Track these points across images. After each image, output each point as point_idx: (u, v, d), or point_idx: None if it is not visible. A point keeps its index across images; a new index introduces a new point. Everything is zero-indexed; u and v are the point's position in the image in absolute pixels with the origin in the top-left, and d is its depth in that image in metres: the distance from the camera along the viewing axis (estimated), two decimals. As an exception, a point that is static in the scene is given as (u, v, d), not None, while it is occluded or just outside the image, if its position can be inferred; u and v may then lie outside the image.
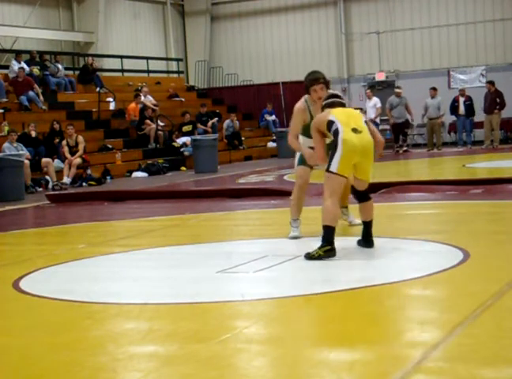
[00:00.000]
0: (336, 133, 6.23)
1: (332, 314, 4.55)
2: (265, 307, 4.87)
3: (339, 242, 7.12)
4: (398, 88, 22.95)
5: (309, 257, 6.02)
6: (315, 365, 3.59)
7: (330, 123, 6.32)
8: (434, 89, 22.70)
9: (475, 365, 3.42)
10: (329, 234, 6.06)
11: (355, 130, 6.22)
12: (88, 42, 25.85)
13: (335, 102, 6.57)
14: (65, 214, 11.91)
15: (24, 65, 21.30)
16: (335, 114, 6.37)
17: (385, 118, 23.49)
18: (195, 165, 19.62)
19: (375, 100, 22.70)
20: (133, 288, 5.59)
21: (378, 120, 22.49)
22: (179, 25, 29.58)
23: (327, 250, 6.00)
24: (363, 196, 6.58)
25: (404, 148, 22.19)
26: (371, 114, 22.38)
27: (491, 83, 22.49)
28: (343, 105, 6.60)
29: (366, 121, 6.47)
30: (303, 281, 5.44)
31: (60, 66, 22.84)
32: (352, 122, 6.29)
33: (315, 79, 7.14)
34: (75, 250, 7.70)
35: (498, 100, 22.02)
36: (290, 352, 3.83)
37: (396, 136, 22.52)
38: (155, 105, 22.57)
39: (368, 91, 23.71)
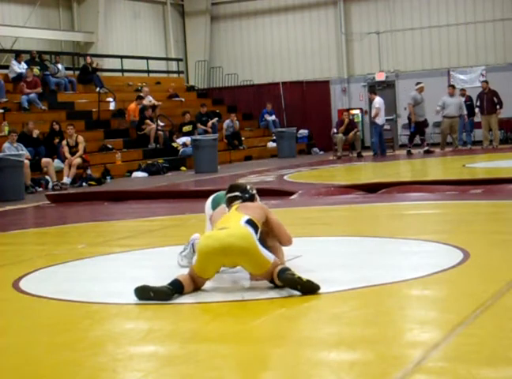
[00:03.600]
0: None
1: (332, 314, 4.55)
2: (264, 307, 4.87)
3: (337, 242, 7.14)
4: (420, 82, 22.07)
5: None
6: (315, 365, 3.59)
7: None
8: (453, 87, 22.32)
9: (475, 365, 3.42)
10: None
11: (221, 229, 5.28)
12: (88, 42, 25.86)
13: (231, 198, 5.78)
14: (65, 214, 11.92)
15: (25, 66, 21.32)
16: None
17: (389, 117, 23.37)
18: (195, 165, 19.63)
19: (375, 100, 22.10)
20: (133, 288, 5.58)
21: (378, 120, 22.13)
22: (179, 25, 29.59)
23: None
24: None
25: (426, 148, 21.46)
26: (373, 114, 22.18)
27: (486, 82, 22.47)
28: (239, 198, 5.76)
29: (250, 221, 5.33)
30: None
31: (60, 66, 22.86)
32: (224, 221, 5.40)
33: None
34: (75, 250, 7.70)
35: (495, 100, 21.90)
36: (290, 352, 3.83)
37: (417, 135, 22.02)
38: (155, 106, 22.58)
39: (372, 95, 22.73)
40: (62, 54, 24.66)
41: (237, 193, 5.78)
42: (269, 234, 5.70)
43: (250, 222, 5.32)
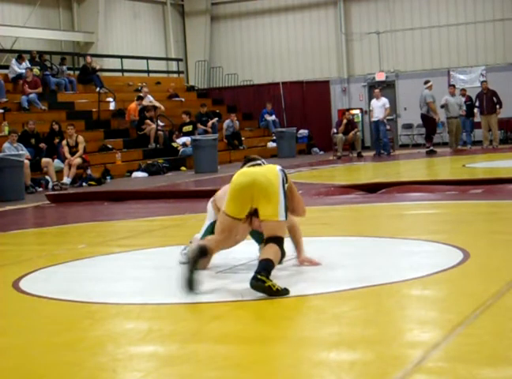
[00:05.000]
0: None
1: (332, 314, 4.54)
2: (265, 307, 4.87)
3: (337, 242, 7.13)
4: (428, 80, 21.77)
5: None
6: (315, 365, 3.59)
7: None
8: (453, 87, 22.35)
9: (475, 365, 3.42)
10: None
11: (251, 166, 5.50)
12: (88, 42, 25.86)
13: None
14: (65, 214, 11.91)
15: (25, 66, 21.33)
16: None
17: (389, 117, 23.38)
18: (195, 165, 19.63)
19: (384, 100, 22.02)
20: (133, 288, 5.59)
21: (385, 120, 22.13)
22: (179, 25, 29.59)
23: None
24: (269, 240, 5.32)
25: (429, 149, 21.14)
26: (380, 114, 21.90)
27: (485, 82, 22.50)
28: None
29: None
30: (302, 281, 5.44)
31: (65, 67, 22.89)
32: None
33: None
34: (75, 250, 7.70)
35: (495, 100, 21.89)
36: (290, 352, 3.83)
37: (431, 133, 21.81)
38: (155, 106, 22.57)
39: (377, 90, 22.74)
40: (62, 54, 24.66)
41: (259, 162, 5.69)
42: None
43: (283, 171, 5.42)
